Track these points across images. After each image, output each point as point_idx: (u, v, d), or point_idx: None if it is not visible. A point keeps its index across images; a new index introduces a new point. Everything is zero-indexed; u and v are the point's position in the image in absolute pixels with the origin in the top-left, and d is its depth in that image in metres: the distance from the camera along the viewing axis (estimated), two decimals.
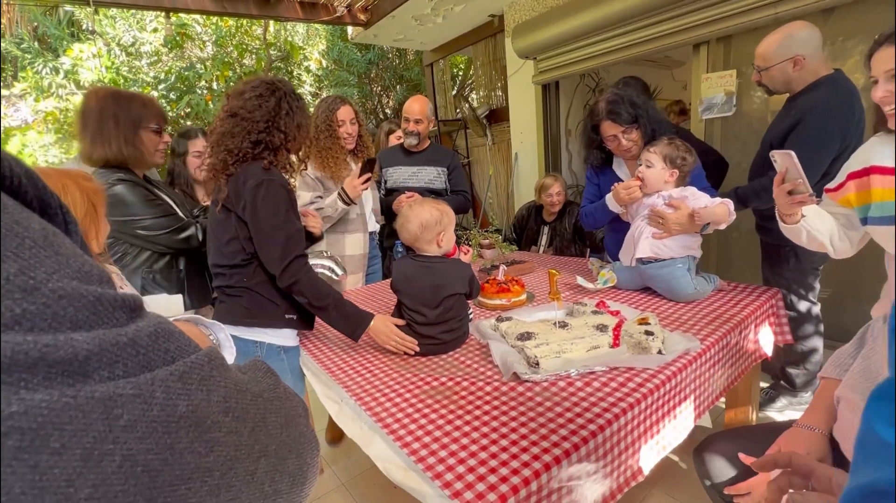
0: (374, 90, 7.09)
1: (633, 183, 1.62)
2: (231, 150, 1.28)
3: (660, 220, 1.57)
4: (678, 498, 1.66)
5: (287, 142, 1.34)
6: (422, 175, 2.49)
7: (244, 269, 1.32)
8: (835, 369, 1.09)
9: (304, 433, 0.35)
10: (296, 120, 1.35)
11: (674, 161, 1.56)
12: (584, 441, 0.90)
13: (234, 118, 1.29)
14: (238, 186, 1.26)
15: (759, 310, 1.47)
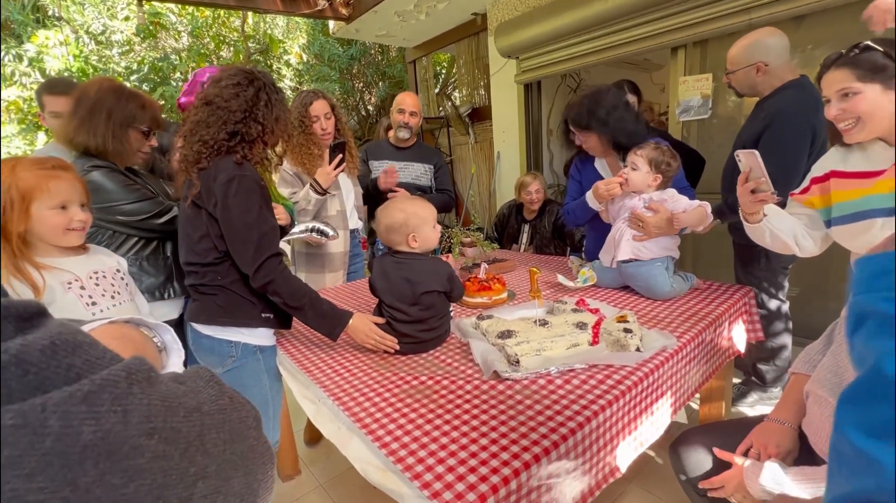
0: (356, 86, 7.01)
1: (614, 180, 1.64)
2: (206, 142, 1.22)
3: (640, 223, 1.60)
4: (654, 492, 1.69)
5: (264, 135, 1.28)
6: (409, 170, 2.47)
7: (217, 268, 1.27)
8: (804, 365, 1.13)
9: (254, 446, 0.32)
10: (274, 112, 1.29)
11: (658, 166, 1.58)
12: (564, 438, 0.90)
13: (209, 106, 1.24)
14: (209, 182, 1.21)
15: (732, 308, 1.50)
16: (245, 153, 1.26)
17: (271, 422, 1.40)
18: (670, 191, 1.59)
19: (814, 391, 1.02)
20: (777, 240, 1.29)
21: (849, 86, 1.09)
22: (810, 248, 1.31)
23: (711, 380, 1.43)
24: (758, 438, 1.05)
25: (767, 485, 0.92)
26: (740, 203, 1.28)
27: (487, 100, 4.68)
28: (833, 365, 1.00)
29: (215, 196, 1.20)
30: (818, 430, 1.00)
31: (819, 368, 1.05)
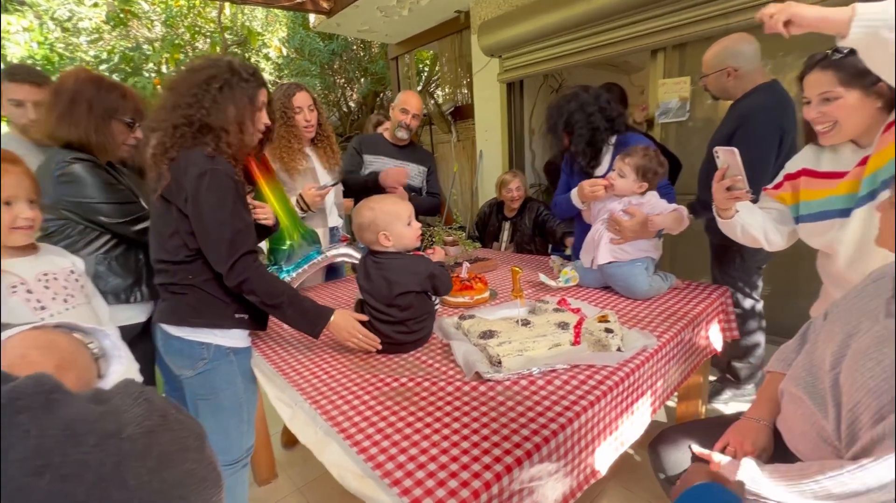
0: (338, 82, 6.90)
1: (599, 182, 1.65)
2: (165, 129, 1.16)
3: (617, 226, 1.61)
4: (634, 490, 1.70)
5: (217, 123, 1.18)
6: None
7: (189, 266, 1.21)
8: (779, 363, 1.15)
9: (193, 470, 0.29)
10: (232, 100, 1.18)
11: (646, 174, 1.59)
12: (546, 440, 0.89)
13: (168, 91, 1.19)
14: (179, 175, 1.14)
15: (710, 307, 1.53)
16: (216, 145, 1.18)
17: (245, 427, 1.36)
18: (649, 194, 1.60)
19: (788, 389, 1.04)
20: (747, 234, 1.32)
21: (831, 90, 1.10)
22: (778, 242, 1.34)
23: (689, 378, 1.45)
24: (734, 436, 1.07)
25: (744, 482, 0.93)
26: (714, 199, 1.29)
27: (470, 98, 4.67)
28: (807, 363, 1.02)
29: (186, 191, 1.14)
30: (792, 428, 1.02)
31: (794, 367, 1.07)
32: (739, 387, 2.16)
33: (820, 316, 1.14)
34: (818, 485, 0.85)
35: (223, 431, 1.32)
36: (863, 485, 0.81)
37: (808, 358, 1.03)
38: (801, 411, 0.99)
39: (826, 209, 1.21)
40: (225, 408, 1.30)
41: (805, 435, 0.97)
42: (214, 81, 1.17)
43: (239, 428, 1.34)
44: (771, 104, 1.76)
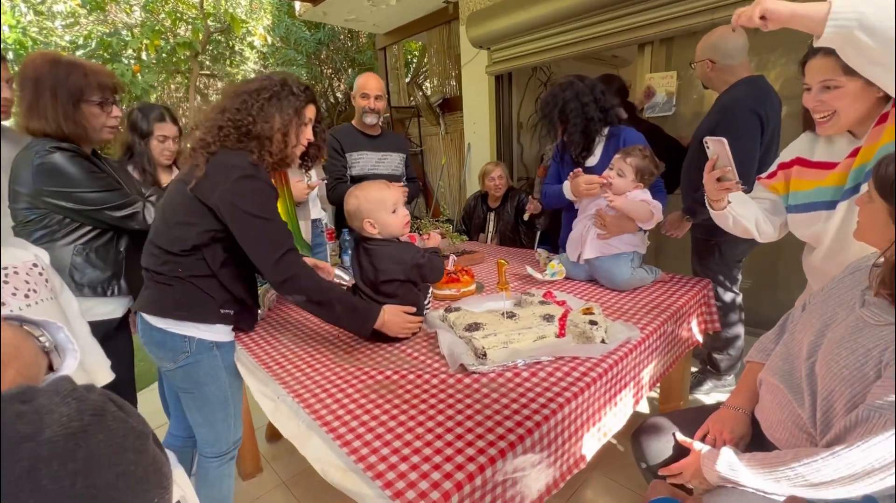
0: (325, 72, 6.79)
1: (596, 180, 1.64)
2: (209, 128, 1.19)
3: (602, 221, 1.62)
4: (617, 480, 1.73)
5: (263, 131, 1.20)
6: (388, 161, 2.39)
7: (182, 259, 1.19)
8: (758, 353, 1.17)
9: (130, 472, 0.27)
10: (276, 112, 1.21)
11: (643, 176, 1.60)
12: (530, 432, 0.89)
13: (220, 98, 1.24)
14: (217, 172, 1.14)
15: (692, 300, 1.55)
16: (259, 152, 1.20)
17: (232, 420, 1.34)
18: (635, 192, 1.61)
19: (766, 379, 1.06)
20: (739, 225, 1.31)
21: (833, 78, 1.08)
22: (770, 233, 1.34)
23: (671, 369, 1.47)
24: (714, 425, 1.09)
25: (723, 471, 0.95)
26: (706, 190, 1.29)
27: (458, 90, 4.64)
28: (785, 353, 1.04)
29: (221, 188, 1.13)
30: (769, 416, 1.04)
31: (773, 357, 1.09)
32: (720, 379, 2.20)
33: (799, 306, 1.17)
34: (793, 471, 0.87)
35: (209, 424, 1.31)
36: (835, 472, 0.83)
37: (786, 348, 1.05)
38: (778, 400, 1.00)
39: (814, 200, 1.20)
40: (210, 401, 1.28)
41: (782, 423, 0.99)
42: (264, 92, 1.21)
43: (225, 421, 1.32)
44: (750, 96, 1.77)
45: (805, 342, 0.98)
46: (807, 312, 1.06)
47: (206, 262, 1.20)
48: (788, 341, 1.06)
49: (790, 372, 0.99)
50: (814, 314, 1.02)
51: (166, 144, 1.80)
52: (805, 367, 0.95)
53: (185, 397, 1.29)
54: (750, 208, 1.31)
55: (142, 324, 1.25)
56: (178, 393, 1.32)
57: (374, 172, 2.34)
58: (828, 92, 1.10)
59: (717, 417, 1.10)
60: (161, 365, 1.27)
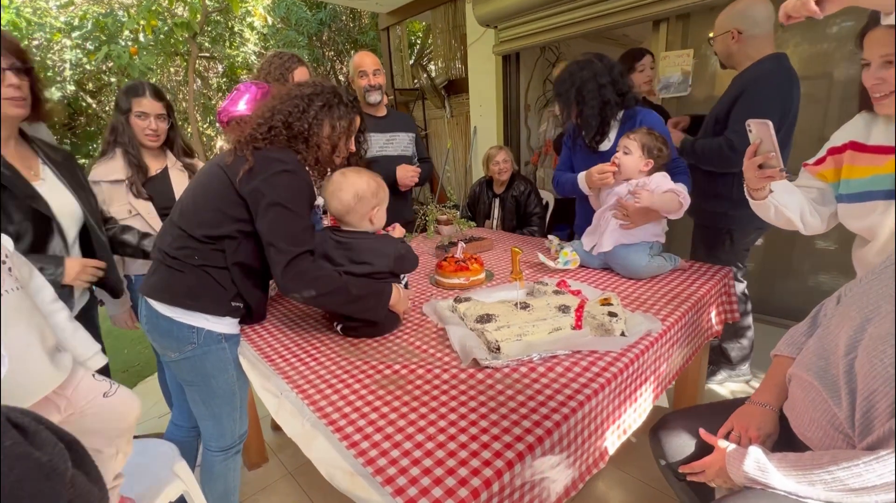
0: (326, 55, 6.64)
1: (607, 168, 1.56)
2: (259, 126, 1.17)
3: (624, 211, 1.54)
4: (630, 473, 1.69)
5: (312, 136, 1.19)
6: (396, 142, 2.30)
7: (201, 247, 1.14)
8: (787, 347, 1.10)
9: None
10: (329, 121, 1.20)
11: (651, 151, 1.51)
12: (549, 432, 0.83)
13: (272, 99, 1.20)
14: (262, 163, 1.11)
15: (713, 289, 1.48)
16: (305, 156, 1.19)
17: (238, 414, 1.30)
18: (657, 176, 1.52)
19: (798, 374, 1.00)
20: (781, 216, 1.20)
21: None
22: (816, 225, 1.23)
23: (691, 361, 1.41)
24: (738, 421, 1.03)
25: (751, 471, 0.89)
26: (745, 178, 1.17)
27: (464, 72, 4.51)
28: (819, 348, 0.98)
29: (259, 179, 1.10)
30: (800, 414, 0.98)
31: (805, 352, 1.03)
32: (734, 368, 2.14)
33: (832, 298, 1.09)
34: (831, 475, 0.81)
35: (215, 418, 1.27)
36: (879, 478, 0.77)
37: (820, 342, 0.98)
38: (811, 397, 0.94)
39: (869, 189, 1.09)
40: (217, 395, 1.24)
41: (815, 422, 0.93)
42: (318, 99, 1.20)
43: (231, 415, 1.28)
44: (777, 75, 1.66)
45: (842, 337, 0.91)
46: (843, 305, 0.99)
47: (223, 255, 1.16)
48: (822, 335, 0.99)
49: (825, 368, 0.93)
50: (852, 307, 0.95)
51: (147, 122, 1.58)
52: (843, 364, 0.88)
53: (189, 389, 1.25)
54: (794, 198, 1.20)
55: (147, 310, 1.20)
56: (183, 384, 1.28)
57: (382, 154, 2.26)
58: (888, 68, 0.99)
59: (742, 413, 1.04)
60: (164, 354, 1.22)
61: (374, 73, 2.17)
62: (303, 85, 1.24)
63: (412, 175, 2.19)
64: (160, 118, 1.61)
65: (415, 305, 1.43)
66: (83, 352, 1.10)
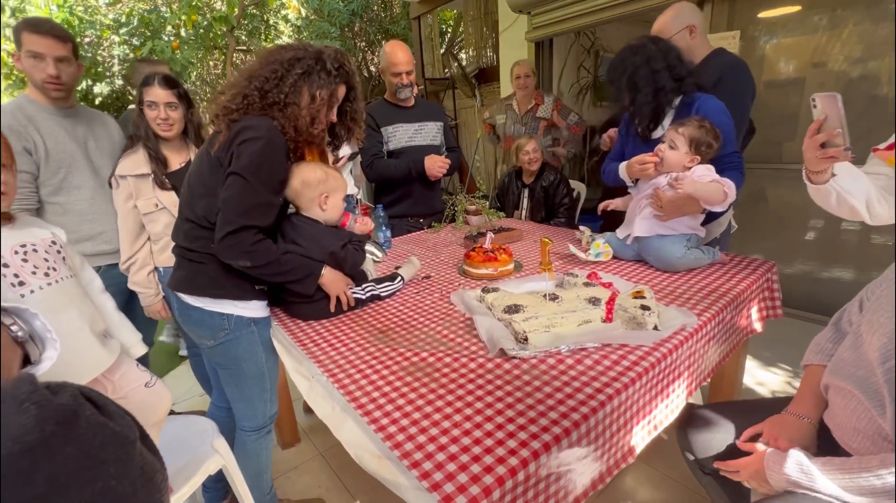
0: (358, 45, 6.68)
1: (648, 159, 1.50)
2: (234, 95, 1.13)
3: (659, 203, 1.48)
4: (659, 469, 1.65)
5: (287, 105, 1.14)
6: (425, 132, 2.30)
7: (212, 234, 1.14)
8: (816, 355, 1.06)
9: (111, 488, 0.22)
10: (310, 88, 1.15)
11: (699, 147, 1.43)
12: (576, 425, 0.83)
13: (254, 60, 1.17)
14: (236, 132, 1.09)
15: (755, 283, 1.41)
16: (281, 123, 1.14)
17: (268, 395, 1.35)
18: (697, 168, 1.44)
19: (834, 383, 0.95)
20: (844, 204, 1.10)
21: None
22: (884, 215, 1.12)
23: (728, 358, 1.36)
24: (770, 429, 0.99)
25: (793, 474, 0.86)
26: (805, 158, 1.07)
27: (496, 60, 4.44)
28: (855, 357, 0.93)
29: (233, 148, 1.08)
30: (842, 424, 0.93)
31: (838, 361, 0.98)
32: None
33: (853, 304, 1.04)
34: (881, 480, 0.77)
35: (246, 399, 1.32)
36: None
37: (855, 350, 0.93)
38: (852, 406, 0.90)
39: None
40: (247, 377, 1.29)
41: (860, 432, 0.88)
42: (298, 65, 1.14)
43: (262, 396, 1.33)
44: (741, 63, 1.76)
45: (875, 344, 0.86)
46: (868, 311, 0.93)
47: None
48: (856, 344, 0.94)
49: (865, 377, 0.88)
50: (879, 312, 0.89)
51: (157, 112, 1.56)
52: (882, 373, 0.84)
53: (222, 373, 1.31)
54: (860, 183, 1.09)
55: (178, 303, 1.25)
56: (217, 368, 1.33)
57: (411, 145, 2.27)
58: None
59: (777, 421, 1.00)
60: (200, 342, 1.28)
61: (408, 73, 2.17)
62: (285, 48, 1.18)
63: (440, 166, 2.18)
64: (170, 106, 1.58)
65: (442, 295, 1.44)
66: (127, 341, 1.16)
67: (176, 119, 1.60)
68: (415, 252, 1.94)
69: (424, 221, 2.37)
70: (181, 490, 1.22)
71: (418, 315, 1.31)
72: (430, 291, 1.48)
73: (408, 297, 1.44)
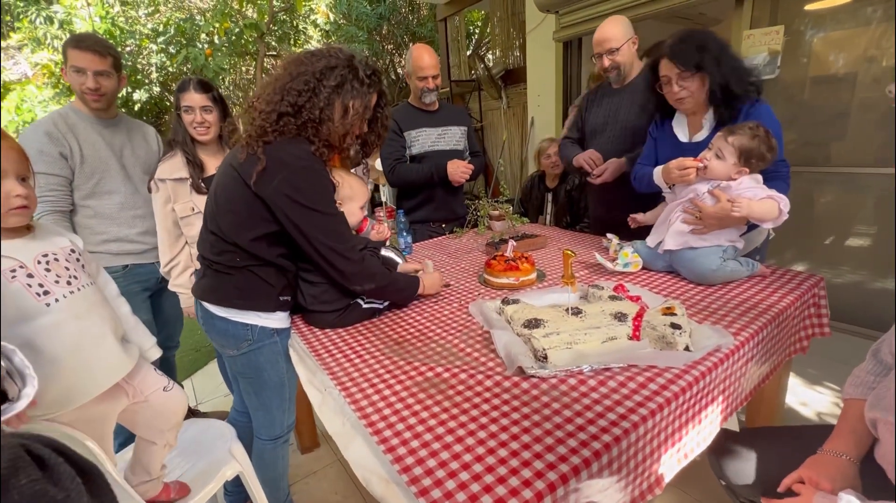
0: (386, 48, 6.73)
1: (691, 164, 1.38)
2: (264, 111, 1.10)
3: (697, 213, 1.37)
4: (691, 493, 1.56)
5: (323, 121, 1.12)
6: (448, 136, 2.27)
7: (238, 250, 1.15)
8: (856, 389, 0.98)
9: None
10: (344, 100, 1.12)
11: (749, 159, 1.31)
12: (597, 454, 0.77)
13: (282, 70, 1.13)
14: (275, 162, 1.08)
15: (799, 300, 1.30)
16: (318, 146, 1.13)
17: (287, 405, 1.35)
18: (744, 179, 1.33)
19: (882, 419, 0.86)
20: None
21: None
22: None
23: (768, 381, 1.26)
24: (808, 471, 0.91)
25: None
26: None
27: (522, 61, 4.37)
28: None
29: (278, 180, 1.07)
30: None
31: (880, 391, 0.88)
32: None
33: (891, 334, 0.96)
34: None
35: (265, 408, 1.32)
36: None
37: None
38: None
39: None
40: (268, 386, 1.29)
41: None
42: (331, 75, 1.10)
43: (281, 406, 1.33)
44: None
45: None
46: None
47: (264, 251, 1.17)
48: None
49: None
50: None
51: (193, 116, 1.60)
52: None
53: (243, 381, 1.31)
54: None
55: (202, 312, 1.26)
56: (237, 377, 1.34)
57: (434, 149, 2.24)
58: None
59: (814, 463, 0.92)
60: (223, 351, 1.28)
61: (433, 77, 2.14)
62: (315, 54, 1.13)
63: (463, 171, 2.15)
64: (205, 110, 1.61)
65: (461, 305, 1.40)
66: (143, 344, 1.18)
67: (212, 122, 1.64)
68: (435, 258, 1.91)
69: (447, 227, 2.34)
70: (198, 495, 1.23)
71: (435, 326, 1.28)
72: (448, 301, 1.45)
73: (426, 307, 1.41)
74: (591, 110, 2.06)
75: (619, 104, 1.95)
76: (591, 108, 2.06)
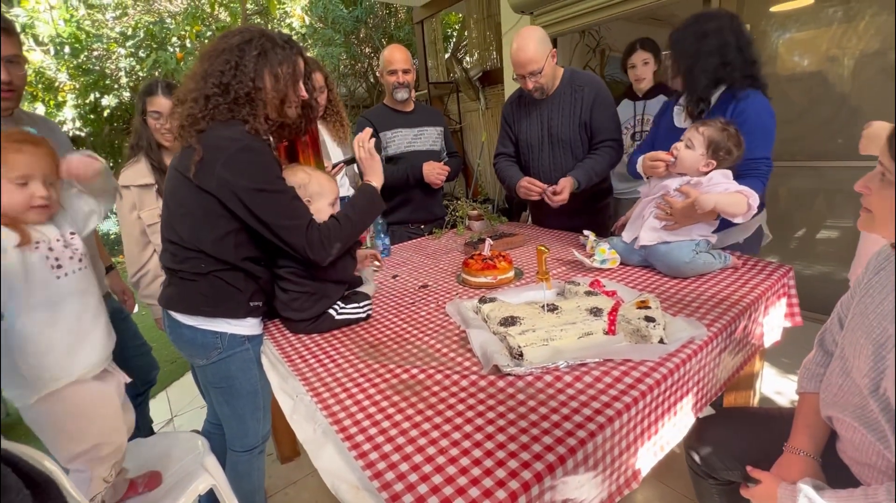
0: (363, 51, 6.69)
1: (661, 156, 1.42)
2: (196, 99, 1.06)
3: (668, 209, 1.39)
4: (672, 486, 1.57)
5: (257, 93, 1.08)
6: (424, 137, 2.26)
7: (201, 255, 1.11)
8: (809, 382, 1.01)
9: None
10: (272, 67, 1.08)
11: (717, 151, 1.34)
12: (572, 451, 0.76)
13: (200, 60, 1.09)
14: (211, 149, 1.03)
15: (770, 290, 1.32)
16: (254, 120, 1.09)
17: (261, 413, 1.30)
18: (714, 174, 1.36)
19: (837, 417, 0.89)
20: None
21: None
22: None
23: (741, 371, 1.28)
24: (778, 472, 0.92)
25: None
26: None
27: (499, 62, 4.39)
28: (847, 384, 0.87)
29: (219, 167, 1.02)
30: (855, 459, 0.88)
31: (830, 387, 0.91)
32: None
33: (833, 322, 0.98)
34: None
35: (238, 418, 1.28)
36: None
37: (846, 377, 0.87)
38: (858, 440, 0.84)
39: None
40: (240, 395, 1.25)
41: (871, 468, 0.83)
42: (249, 47, 1.07)
43: (255, 415, 1.29)
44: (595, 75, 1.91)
45: (862, 368, 0.80)
46: (849, 331, 0.88)
47: (230, 254, 1.12)
48: (845, 369, 0.87)
49: (862, 406, 0.82)
50: (858, 332, 0.83)
51: (161, 122, 1.53)
52: (876, 402, 0.78)
53: (215, 392, 1.27)
54: None
55: (169, 321, 1.21)
56: (209, 387, 1.29)
57: (410, 150, 2.22)
58: None
59: (782, 465, 0.93)
60: (192, 361, 1.24)
61: (404, 71, 2.13)
62: (227, 35, 1.10)
63: (439, 172, 2.14)
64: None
65: (439, 306, 1.38)
66: None
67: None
68: (414, 259, 1.89)
69: (425, 228, 2.32)
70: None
71: (411, 327, 1.26)
72: (426, 302, 1.43)
73: (402, 308, 1.39)
74: (520, 122, 2.05)
75: (548, 115, 1.96)
76: (521, 120, 2.04)
